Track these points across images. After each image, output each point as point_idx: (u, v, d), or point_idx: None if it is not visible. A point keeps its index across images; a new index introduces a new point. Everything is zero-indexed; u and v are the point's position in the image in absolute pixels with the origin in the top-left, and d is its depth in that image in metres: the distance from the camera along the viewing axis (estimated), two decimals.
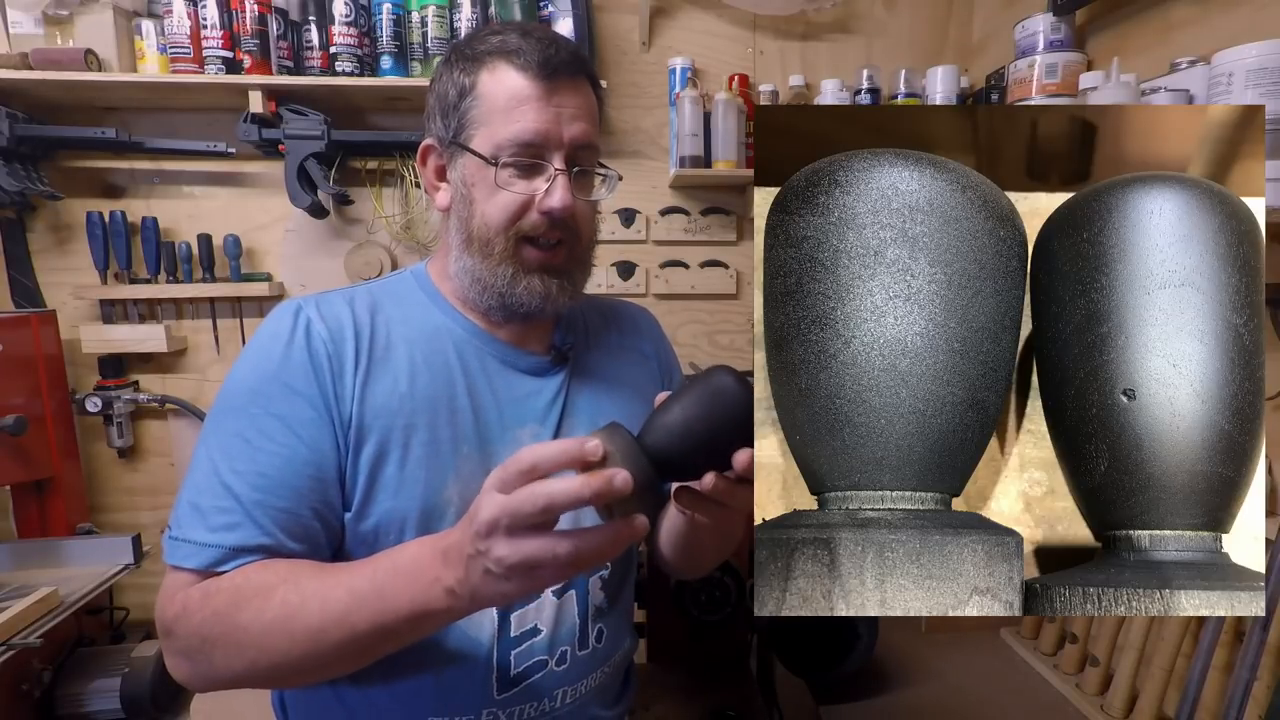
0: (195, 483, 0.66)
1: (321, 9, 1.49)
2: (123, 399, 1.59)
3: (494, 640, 0.72)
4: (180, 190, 1.63)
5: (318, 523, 0.67)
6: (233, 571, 0.63)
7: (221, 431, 0.67)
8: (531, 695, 0.74)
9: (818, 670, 1.13)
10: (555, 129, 0.70)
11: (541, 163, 0.71)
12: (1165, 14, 1.16)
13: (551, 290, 0.73)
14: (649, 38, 1.69)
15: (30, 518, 1.50)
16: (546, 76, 0.69)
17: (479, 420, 0.74)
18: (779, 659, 1.14)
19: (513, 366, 0.78)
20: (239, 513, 0.64)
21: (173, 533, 0.65)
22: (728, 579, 1.21)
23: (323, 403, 0.68)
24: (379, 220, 1.66)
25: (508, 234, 0.71)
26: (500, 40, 0.71)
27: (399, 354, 0.73)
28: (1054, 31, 1.32)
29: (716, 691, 1.18)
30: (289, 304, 0.73)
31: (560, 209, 0.70)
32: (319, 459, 0.67)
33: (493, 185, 0.70)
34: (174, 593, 0.64)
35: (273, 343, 0.69)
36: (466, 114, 0.72)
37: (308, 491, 0.66)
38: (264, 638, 0.59)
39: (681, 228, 1.75)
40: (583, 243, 0.77)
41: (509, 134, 0.69)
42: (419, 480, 0.70)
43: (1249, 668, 0.91)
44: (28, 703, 1.28)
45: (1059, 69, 1.30)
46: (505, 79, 0.70)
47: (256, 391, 0.67)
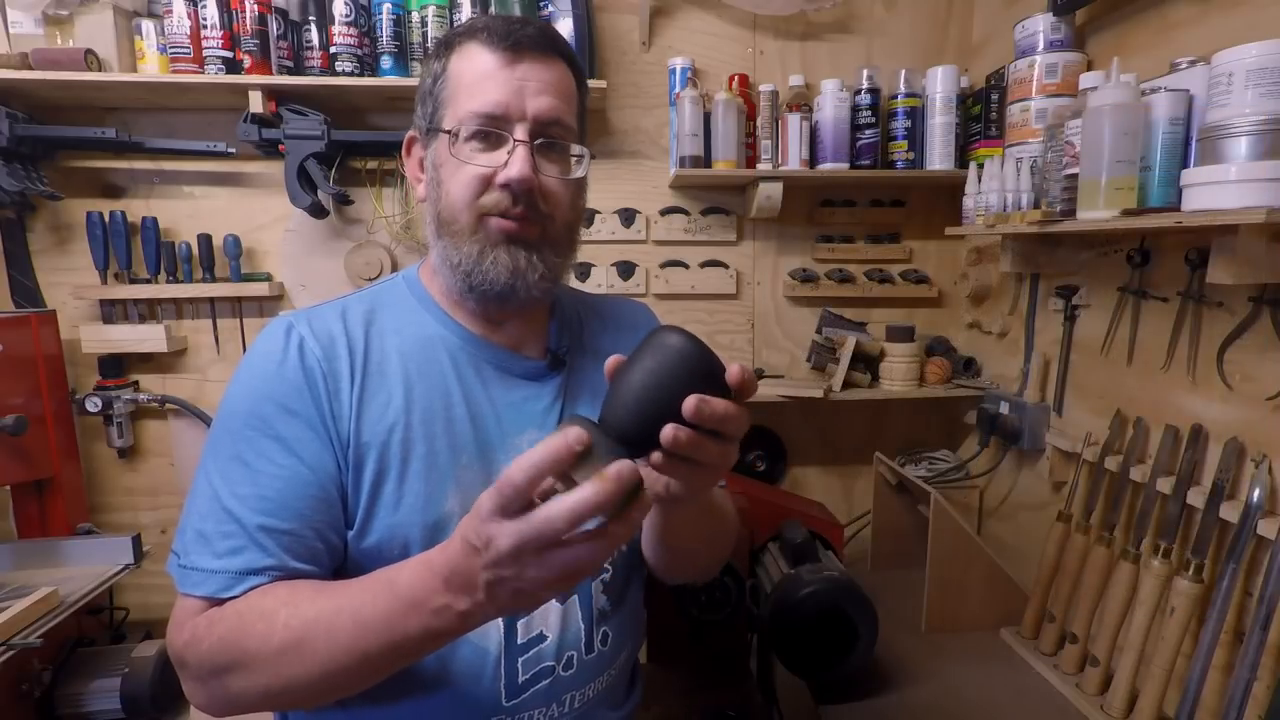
0: (198, 508, 0.66)
1: (321, 9, 1.49)
2: (123, 399, 1.59)
3: (501, 649, 0.71)
4: (180, 190, 1.63)
5: (321, 542, 0.67)
6: (236, 601, 0.63)
7: (221, 455, 0.67)
8: (540, 701, 0.74)
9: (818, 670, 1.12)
10: (517, 100, 0.69)
11: (502, 133, 0.69)
12: (1165, 14, 1.16)
13: (519, 263, 0.70)
14: (649, 38, 1.69)
15: (30, 518, 1.50)
16: (509, 48, 0.69)
17: (477, 429, 0.73)
18: (779, 659, 1.14)
19: (509, 372, 0.77)
20: (243, 536, 0.64)
21: (180, 560, 0.65)
22: (727, 579, 1.21)
23: (319, 422, 0.67)
24: (379, 220, 1.66)
25: (471, 208, 0.70)
26: (469, 23, 0.72)
27: (393, 367, 0.72)
28: (1054, 31, 1.32)
29: (716, 691, 1.18)
30: (280, 321, 0.72)
31: (519, 179, 0.68)
32: (319, 478, 0.67)
33: (457, 162, 0.69)
34: (184, 621, 0.64)
35: (265, 362, 0.69)
36: (439, 96, 0.71)
37: (310, 512, 0.66)
38: (274, 664, 0.59)
39: (681, 228, 1.75)
40: (556, 222, 0.73)
41: (470, 106, 0.69)
42: (419, 494, 0.70)
43: (1249, 668, 0.90)
44: (28, 703, 1.28)
45: (1059, 69, 1.30)
46: (472, 56, 0.70)
47: (252, 413, 0.67)
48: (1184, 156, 1.00)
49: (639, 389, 0.52)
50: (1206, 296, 1.07)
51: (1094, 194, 1.04)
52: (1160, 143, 1.00)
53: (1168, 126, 1.00)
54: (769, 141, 1.62)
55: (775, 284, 1.80)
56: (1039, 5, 1.35)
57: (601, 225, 1.73)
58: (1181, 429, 1.11)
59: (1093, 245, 1.31)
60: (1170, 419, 1.13)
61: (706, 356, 0.53)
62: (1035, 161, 1.29)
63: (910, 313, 1.83)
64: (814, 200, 1.78)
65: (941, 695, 1.13)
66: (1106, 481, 1.22)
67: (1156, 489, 1.11)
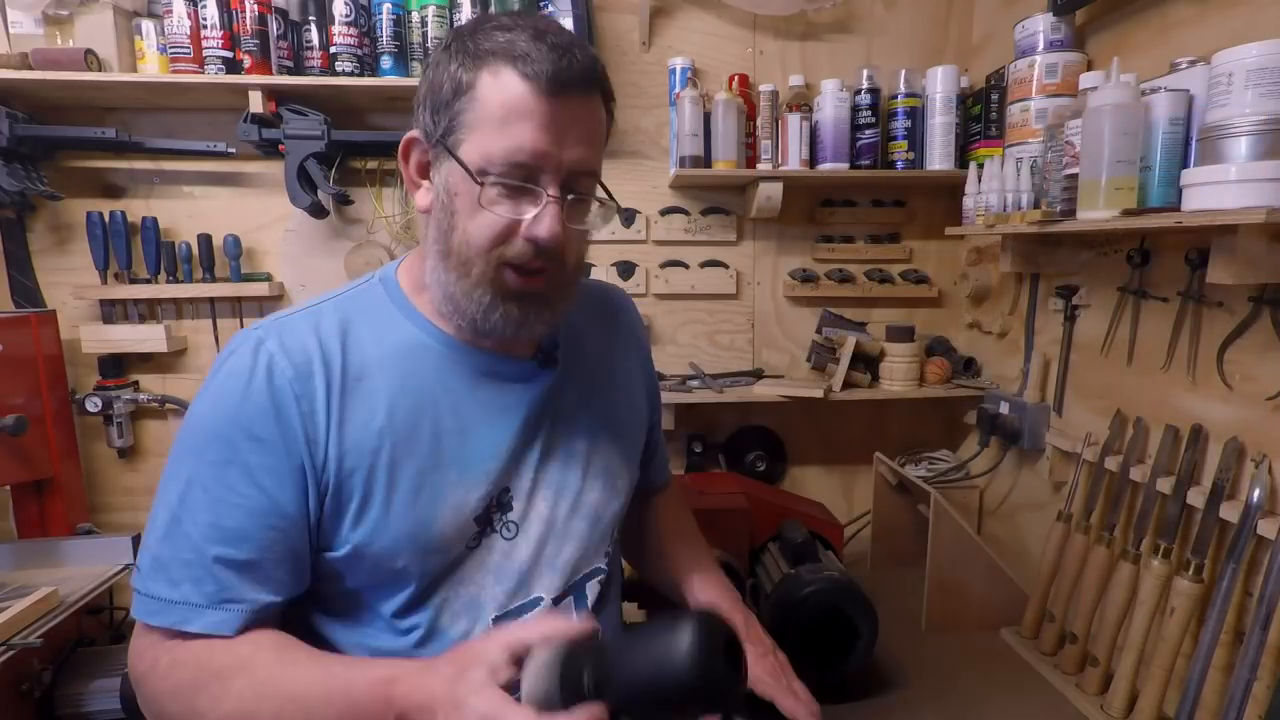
0: (156, 533, 0.64)
1: (321, 9, 1.49)
2: (123, 399, 1.59)
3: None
4: (180, 190, 1.63)
5: (284, 571, 0.65)
6: (196, 643, 0.62)
7: (180, 478, 0.64)
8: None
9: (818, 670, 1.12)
10: (554, 151, 0.64)
11: (533, 187, 0.64)
12: (1165, 14, 1.16)
13: (529, 318, 0.68)
14: (649, 38, 1.69)
15: (30, 518, 1.50)
16: (553, 92, 0.62)
17: (466, 439, 0.70)
18: None
19: (497, 376, 0.74)
20: (200, 567, 0.62)
21: (138, 587, 0.64)
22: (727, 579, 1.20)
23: (284, 449, 0.64)
24: (379, 220, 1.66)
25: (489, 256, 0.66)
26: (508, 40, 0.63)
27: (374, 382, 0.68)
28: (1054, 31, 1.32)
29: None
30: (248, 335, 0.67)
31: (548, 239, 0.64)
32: (280, 509, 0.64)
33: (476, 203, 0.64)
34: (144, 649, 0.63)
35: (231, 381, 0.65)
36: (459, 115, 0.65)
37: (270, 543, 0.64)
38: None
39: (681, 228, 1.75)
40: (568, 270, 0.70)
41: (501, 149, 0.63)
42: (408, 518, 0.67)
43: (1249, 668, 0.90)
44: (28, 703, 1.28)
45: (1059, 69, 1.30)
46: (507, 85, 0.63)
47: (216, 437, 0.64)
48: (1184, 156, 1.00)
49: (643, 686, 0.51)
50: (1206, 296, 1.07)
51: (1094, 194, 1.04)
52: (1160, 143, 1.00)
53: (1168, 126, 1.00)
54: (769, 141, 1.62)
55: (775, 284, 1.80)
56: (1039, 5, 1.35)
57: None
58: (1181, 429, 1.11)
59: (1093, 245, 1.31)
60: (1170, 419, 1.13)
61: (713, 672, 0.49)
62: (1035, 161, 1.29)
63: (910, 313, 1.83)
64: (814, 200, 1.78)
65: (941, 695, 1.13)
66: (1106, 481, 1.22)
67: (1156, 489, 1.11)
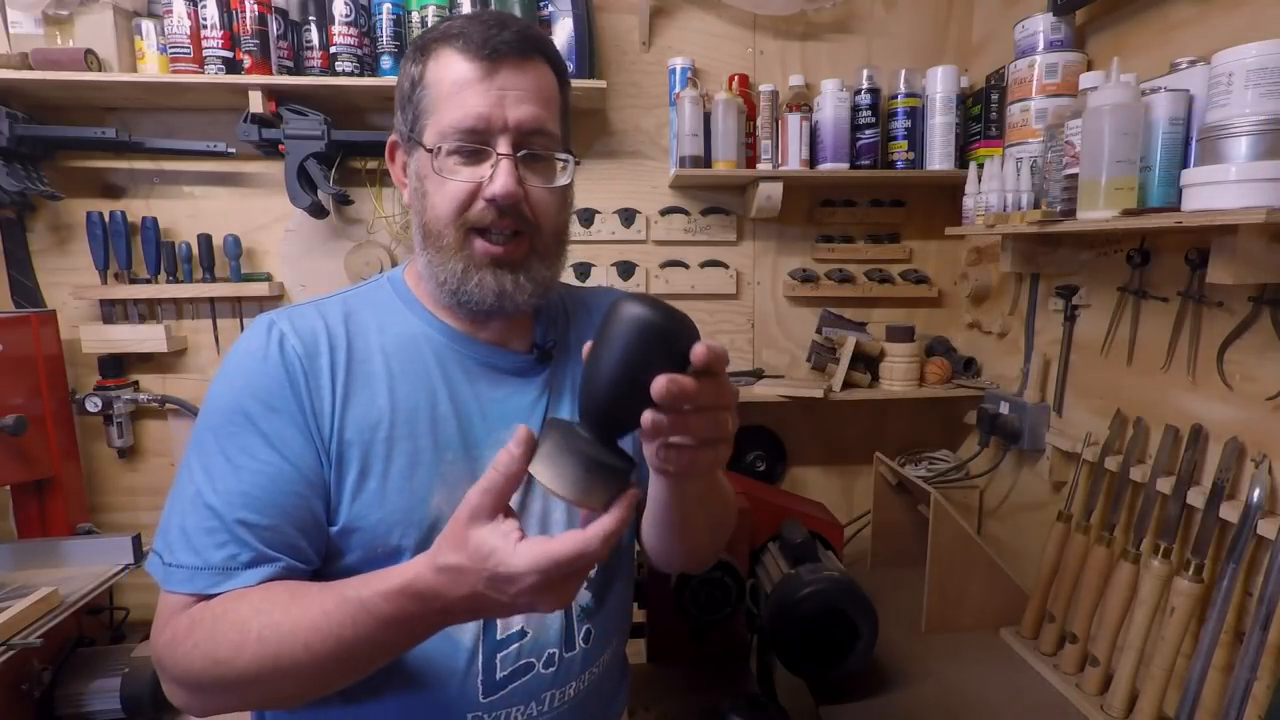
0: (180, 505, 0.67)
1: (321, 9, 1.49)
2: (123, 399, 1.59)
3: (478, 644, 0.71)
4: (180, 190, 1.63)
5: (304, 537, 0.67)
6: (214, 601, 0.63)
7: (204, 452, 0.67)
8: (519, 699, 0.73)
9: (818, 670, 1.13)
10: (498, 111, 0.67)
11: (485, 148, 0.68)
12: (1165, 14, 1.16)
13: (505, 286, 0.71)
14: (649, 38, 1.69)
15: (30, 518, 1.50)
16: (487, 57, 0.67)
17: (462, 426, 0.73)
18: (779, 659, 1.14)
19: (494, 367, 0.77)
20: (224, 532, 0.64)
21: (164, 558, 0.65)
22: (728, 579, 1.21)
23: (300, 418, 0.67)
24: (379, 220, 1.66)
25: (456, 224, 0.69)
26: (447, 26, 0.70)
27: (376, 365, 0.72)
28: (1054, 31, 1.32)
29: (716, 691, 1.18)
30: (262, 319, 0.72)
31: (503, 195, 0.67)
32: (301, 474, 0.67)
33: (440, 178, 0.69)
34: (167, 619, 0.64)
35: (247, 359, 0.69)
36: (419, 105, 0.70)
37: (292, 508, 0.66)
38: (248, 676, 0.59)
39: (681, 228, 1.75)
40: (544, 234, 0.73)
41: (450, 120, 0.68)
42: (404, 492, 0.69)
43: (1249, 668, 0.90)
44: (28, 703, 1.28)
45: (1059, 69, 1.30)
46: (449, 63, 0.68)
47: (235, 409, 0.67)
48: (1184, 156, 1.00)
49: (607, 375, 0.50)
50: (1206, 296, 1.07)
51: (1094, 194, 1.04)
52: (1160, 143, 1.00)
53: (1168, 126, 1.00)
54: (769, 141, 1.62)
55: (775, 284, 1.80)
56: (1039, 5, 1.35)
57: (601, 225, 1.73)
58: (1181, 429, 1.11)
59: (1093, 245, 1.31)
60: (1170, 419, 1.13)
61: (669, 326, 0.49)
62: (1035, 161, 1.29)
63: (910, 313, 1.83)
64: (814, 200, 1.78)
65: (941, 695, 1.13)
66: (1106, 481, 1.22)
67: (1156, 489, 1.11)
